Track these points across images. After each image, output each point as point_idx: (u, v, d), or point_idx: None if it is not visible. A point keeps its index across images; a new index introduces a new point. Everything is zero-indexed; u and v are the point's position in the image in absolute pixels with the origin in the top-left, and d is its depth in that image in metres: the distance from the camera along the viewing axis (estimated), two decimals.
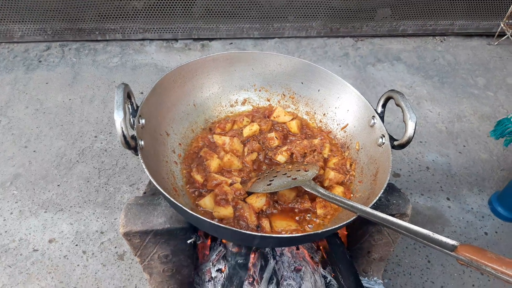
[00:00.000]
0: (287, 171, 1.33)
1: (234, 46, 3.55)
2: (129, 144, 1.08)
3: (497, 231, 2.34)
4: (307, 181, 1.22)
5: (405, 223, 0.93)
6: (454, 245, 0.84)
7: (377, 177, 1.29)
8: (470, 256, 0.80)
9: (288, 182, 1.26)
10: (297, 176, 1.27)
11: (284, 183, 1.25)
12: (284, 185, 1.24)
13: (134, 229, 1.25)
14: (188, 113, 1.52)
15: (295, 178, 1.27)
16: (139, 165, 2.46)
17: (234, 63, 1.57)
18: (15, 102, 2.86)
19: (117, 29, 3.40)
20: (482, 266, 0.78)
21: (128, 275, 1.96)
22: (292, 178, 1.27)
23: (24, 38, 3.37)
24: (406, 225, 0.92)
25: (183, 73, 1.45)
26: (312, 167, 1.33)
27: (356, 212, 1.04)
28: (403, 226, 0.93)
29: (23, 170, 2.41)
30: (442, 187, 2.53)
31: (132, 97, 1.20)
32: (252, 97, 1.66)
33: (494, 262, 0.78)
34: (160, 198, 1.33)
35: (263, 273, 1.50)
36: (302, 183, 1.22)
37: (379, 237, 1.47)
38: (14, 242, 2.07)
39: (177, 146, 1.44)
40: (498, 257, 0.78)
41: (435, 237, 0.87)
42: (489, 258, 0.78)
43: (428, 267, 2.10)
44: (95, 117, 2.77)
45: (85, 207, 2.23)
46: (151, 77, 3.13)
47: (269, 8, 3.44)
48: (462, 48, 3.81)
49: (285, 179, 1.27)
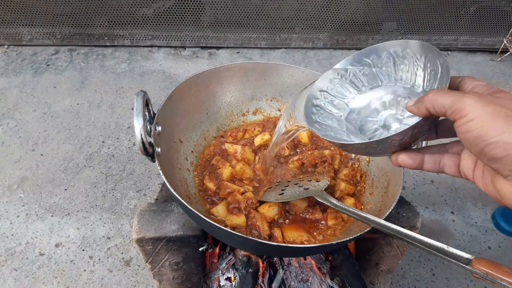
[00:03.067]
0: (299, 181, 1.34)
1: (241, 55, 3.58)
2: (147, 150, 1.09)
3: (500, 245, 2.35)
4: (319, 191, 1.23)
5: (419, 236, 0.94)
6: (469, 259, 0.85)
7: (388, 189, 1.30)
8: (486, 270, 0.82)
9: (300, 192, 1.27)
10: (309, 186, 1.28)
11: (296, 193, 1.26)
12: (296, 195, 1.25)
13: (147, 236, 1.25)
14: (201, 121, 1.54)
15: (307, 188, 1.28)
16: (146, 171, 2.48)
17: (247, 73, 1.59)
18: (23, 105, 2.88)
19: (126, 35, 3.43)
20: (497, 280, 0.80)
21: (135, 281, 1.96)
22: (304, 188, 1.28)
23: (33, 41, 3.40)
24: (421, 238, 0.94)
25: (198, 82, 1.47)
26: (324, 177, 1.34)
27: (369, 224, 1.05)
28: (418, 239, 0.94)
29: (30, 174, 2.42)
30: (447, 201, 2.54)
31: (150, 105, 1.21)
32: (263, 107, 1.68)
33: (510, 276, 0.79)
34: (173, 205, 1.34)
35: (271, 283, 1.51)
36: (314, 193, 1.23)
37: (388, 249, 1.48)
38: (21, 246, 2.07)
39: (189, 153, 1.45)
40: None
41: (450, 250, 0.88)
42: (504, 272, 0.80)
43: (433, 280, 2.10)
44: (102, 122, 2.79)
45: (92, 212, 2.23)
46: (159, 84, 3.15)
47: (277, 18, 3.48)
48: (466, 63, 3.85)
49: (297, 189, 1.28)
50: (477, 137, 0.61)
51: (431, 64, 0.83)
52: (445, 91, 0.67)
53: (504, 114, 0.60)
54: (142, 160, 2.54)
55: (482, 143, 0.61)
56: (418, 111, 0.71)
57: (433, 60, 0.82)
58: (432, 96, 0.68)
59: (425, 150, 0.84)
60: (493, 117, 0.60)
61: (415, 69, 0.88)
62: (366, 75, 0.98)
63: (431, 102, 0.68)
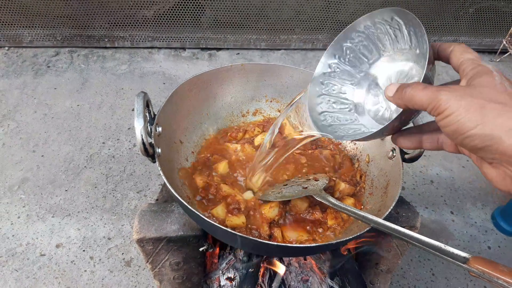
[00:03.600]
0: (298, 180, 1.35)
1: (241, 56, 3.59)
2: (147, 151, 1.10)
3: (499, 245, 2.35)
4: (318, 191, 1.24)
5: (417, 235, 0.95)
6: (466, 258, 0.85)
7: (387, 189, 1.31)
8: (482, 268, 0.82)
9: (299, 191, 1.27)
10: (308, 186, 1.29)
11: (295, 192, 1.27)
12: (295, 194, 1.26)
13: (148, 236, 1.26)
14: (201, 122, 1.54)
15: (306, 187, 1.29)
16: (146, 172, 2.48)
17: (247, 74, 1.60)
18: (24, 107, 2.89)
19: (126, 36, 3.44)
20: (494, 279, 0.80)
21: (135, 281, 1.96)
22: (303, 187, 1.29)
23: (33, 43, 3.41)
24: (418, 237, 0.94)
25: (198, 83, 1.48)
26: (322, 177, 1.35)
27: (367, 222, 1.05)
28: (415, 237, 0.95)
29: (31, 175, 2.42)
30: (446, 201, 2.55)
31: (150, 106, 1.22)
32: (263, 107, 1.69)
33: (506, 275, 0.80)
34: (173, 205, 1.34)
35: (271, 283, 1.52)
36: (313, 192, 1.24)
37: (388, 249, 1.49)
38: (21, 246, 2.07)
39: (190, 154, 1.46)
40: (510, 270, 0.80)
41: (447, 249, 0.89)
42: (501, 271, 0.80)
43: (433, 280, 2.11)
44: (103, 123, 2.80)
45: (92, 213, 2.24)
46: (159, 85, 3.16)
47: (277, 20, 3.49)
48: None
49: (296, 188, 1.29)
50: (455, 131, 0.63)
51: (407, 26, 0.84)
52: (421, 87, 0.68)
53: (478, 105, 0.61)
54: (142, 161, 2.55)
55: (461, 136, 0.63)
56: (400, 105, 0.73)
57: (407, 20, 0.83)
58: (409, 94, 0.69)
59: (423, 129, 0.86)
60: (468, 111, 0.61)
61: (396, 34, 0.90)
62: (363, 49, 0.98)
63: (409, 101, 0.69)
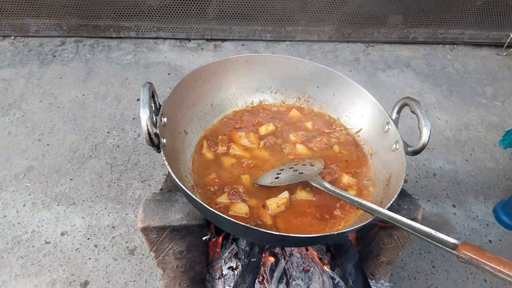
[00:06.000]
0: (294, 165, 1.36)
1: (246, 47, 3.59)
2: (153, 141, 1.11)
3: (501, 239, 2.36)
4: (313, 176, 1.25)
5: (408, 220, 0.96)
6: (455, 244, 0.87)
7: (390, 182, 1.32)
8: (470, 254, 0.84)
9: (295, 176, 1.28)
10: (304, 171, 1.30)
11: (291, 177, 1.28)
12: (291, 179, 1.27)
13: (152, 225, 1.28)
14: (205, 112, 1.55)
15: (302, 172, 1.30)
16: (151, 162, 2.50)
17: (252, 65, 1.60)
18: (29, 96, 2.91)
19: (132, 27, 3.45)
20: (481, 265, 0.82)
21: (139, 269, 1.99)
22: (299, 172, 1.30)
23: (40, 32, 3.42)
24: (409, 223, 0.96)
25: (203, 74, 1.48)
26: (318, 162, 1.36)
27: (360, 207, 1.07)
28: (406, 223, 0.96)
29: (37, 163, 2.45)
30: (448, 194, 2.55)
31: (156, 96, 1.23)
32: (267, 99, 1.69)
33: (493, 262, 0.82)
34: (177, 195, 1.36)
35: (273, 272, 1.54)
36: (308, 177, 1.25)
37: (389, 241, 1.50)
38: (27, 234, 2.11)
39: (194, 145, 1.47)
40: (497, 257, 0.83)
41: (437, 235, 0.91)
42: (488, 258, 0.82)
43: (433, 272, 2.12)
44: (108, 113, 2.81)
45: (97, 202, 2.27)
46: (164, 76, 3.16)
47: (282, 11, 3.48)
48: (471, 57, 3.83)
49: (292, 173, 1.30)
50: None
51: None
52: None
53: None
54: (146, 151, 2.57)
55: None
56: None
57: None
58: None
59: None
60: None
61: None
62: None
63: None
